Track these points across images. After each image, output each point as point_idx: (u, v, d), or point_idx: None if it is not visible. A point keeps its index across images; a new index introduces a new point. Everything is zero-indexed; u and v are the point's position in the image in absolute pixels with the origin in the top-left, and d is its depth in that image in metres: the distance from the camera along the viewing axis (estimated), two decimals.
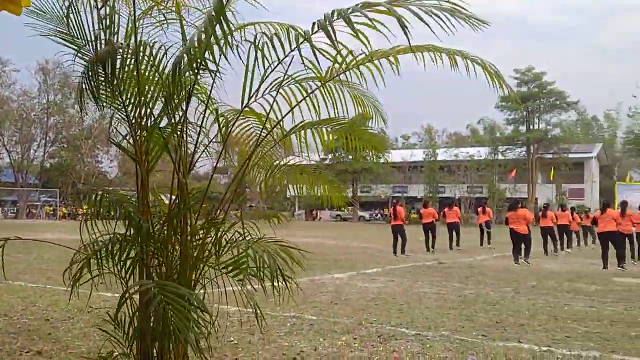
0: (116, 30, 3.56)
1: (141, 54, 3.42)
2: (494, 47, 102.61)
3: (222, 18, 2.76)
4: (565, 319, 7.11)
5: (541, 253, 17.24)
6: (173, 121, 3.44)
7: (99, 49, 3.51)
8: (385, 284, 10.06)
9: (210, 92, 3.52)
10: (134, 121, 3.56)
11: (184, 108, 3.39)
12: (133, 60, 3.42)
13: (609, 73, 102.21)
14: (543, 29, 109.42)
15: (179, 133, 3.43)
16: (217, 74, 3.30)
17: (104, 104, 3.62)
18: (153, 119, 3.58)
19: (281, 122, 3.58)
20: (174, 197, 3.50)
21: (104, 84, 3.48)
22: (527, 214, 15.26)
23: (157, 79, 3.45)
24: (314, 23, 2.88)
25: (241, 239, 3.43)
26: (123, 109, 3.59)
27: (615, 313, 7.57)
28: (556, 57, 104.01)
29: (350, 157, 51.05)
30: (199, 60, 3.02)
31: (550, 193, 49.07)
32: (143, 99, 3.46)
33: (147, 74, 3.46)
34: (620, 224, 14.28)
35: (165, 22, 3.92)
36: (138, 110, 3.53)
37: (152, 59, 3.43)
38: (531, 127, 52.81)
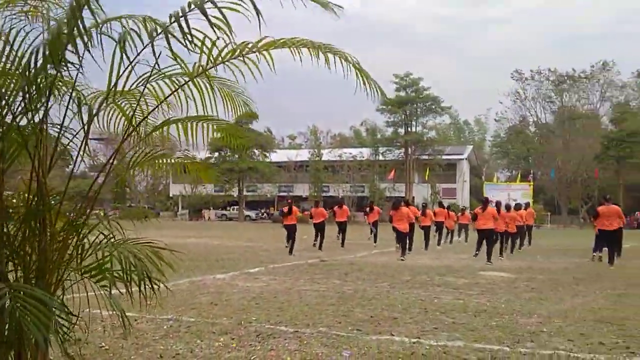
0: None
1: None
2: (379, 52, 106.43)
3: (82, 9, 2.62)
4: (435, 311, 7.53)
5: (418, 249, 18.13)
6: (32, 117, 3.20)
7: None
8: (267, 283, 10.09)
9: (73, 86, 3.31)
10: None
11: (45, 103, 3.17)
12: None
13: (479, 80, 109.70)
14: (421, 37, 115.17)
15: (38, 130, 3.20)
16: (81, 68, 3.11)
17: None
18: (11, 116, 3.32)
19: (146, 118, 3.46)
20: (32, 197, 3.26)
21: None
22: (409, 213, 16.06)
23: (14, 71, 3.19)
24: (170, 15, 2.81)
25: (106, 240, 3.27)
26: None
27: (480, 304, 8.13)
28: (432, 63, 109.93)
29: (236, 156, 50.69)
30: (59, 53, 2.84)
31: (426, 192, 51.82)
32: None
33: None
34: (497, 219, 15.46)
35: (30, 12, 3.64)
36: None
37: (7, 48, 3.16)
38: (409, 129, 55.32)
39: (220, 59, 3.26)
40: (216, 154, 51.97)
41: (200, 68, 3.26)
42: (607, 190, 52.95)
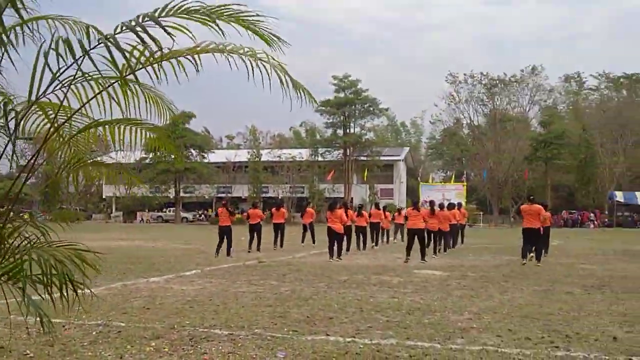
0: None
1: None
2: (318, 54, 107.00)
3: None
4: (370, 310, 7.63)
5: (355, 249, 18.33)
6: None
7: None
8: (203, 285, 9.93)
9: None
10: None
11: None
12: None
13: (415, 83, 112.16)
14: (360, 38, 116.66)
15: None
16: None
17: None
18: None
19: (70, 120, 3.35)
20: None
21: None
22: (342, 215, 16.20)
23: None
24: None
25: (26, 243, 3.13)
26: None
27: (413, 302, 8.29)
28: (371, 65, 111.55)
29: (173, 157, 49.62)
30: None
31: (364, 192, 52.47)
32: None
33: None
34: (427, 221, 15.82)
35: None
36: None
37: None
38: (348, 130, 55.77)
39: (150, 61, 3.19)
40: (151, 155, 50.71)
41: (128, 69, 3.18)
42: (535, 190, 55.36)
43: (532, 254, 14.47)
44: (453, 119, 64.47)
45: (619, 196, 49.25)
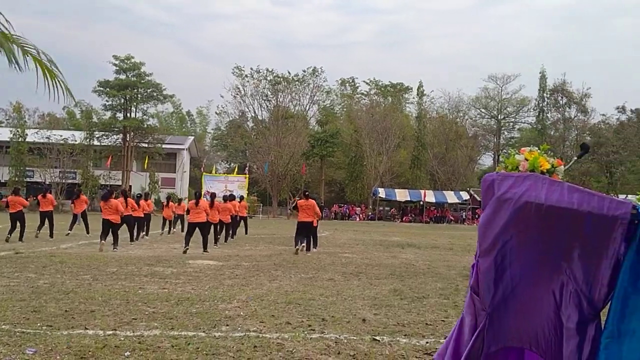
0: None
1: None
2: (96, 30, 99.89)
3: None
4: (137, 301, 7.40)
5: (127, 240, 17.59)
6: None
7: None
8: None
9: None
10: None
11: None
12: None
13: (202, 71, 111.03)
14: (145, 21, 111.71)
15: None
16: None
17: None
18: None
19: None
20: None
21: None
22: (118, 205, 15.46)
23: None
24: None
25: None
26: None
27: (184, 293, 8.25)
28: (156, 49, 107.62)
29: None
30: None
31: (144, 181, 50.54)
32: None
33: None
34: (209, 214, 15.87)
35: None
36: None
37: None
38: (128, 115, 53.17)
39: None
40: None
41: None
42: (311, 184, 58.93)
43: (303, 244, 15.42)
44: (239, 112, 65.32)
45: (382, 192, 54.76)
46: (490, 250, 3.33)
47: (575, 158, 4.12)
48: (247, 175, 51.38)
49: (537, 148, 3.50)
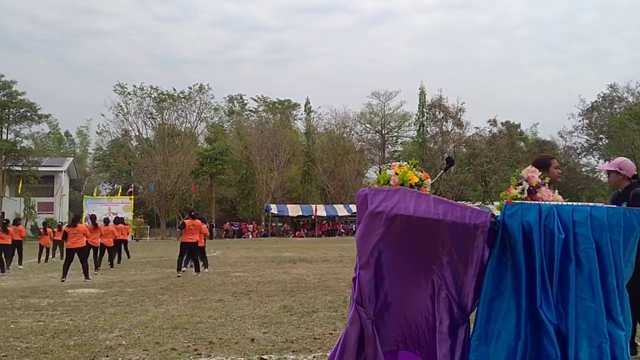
0: None
1: None
2: None
3: None
4: (8, 337, 6.86)
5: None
6: None
7: None
8: None
9: None
10: None
11: None
12: None
13: (80, 89, 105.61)
14: (21, 37, 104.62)
15: None
16: None
17: None
18: None
19: None
20: None
21: None
22: None
23: None
24: None
25: None
26: None
27: (61, 324, 7.75)
28: (33, 67, 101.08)
29: None
30: None
31: (18, 206, 47.06)
32: None
33: None
34: (89, 237, 15.11)
35: None
36: None
37: None
38: (0, 137, 49.40)
39: None
40: None
41: None
42: (201, 203, 57.79)
43: (192, 266, 15.06)
44: (121, 130, 62.70)
45: (274, 208, 54.86)
46: (368, 262, 3.45)
47: (442, 171, 4.38)
48: (132, 197, 49.38)
49: (406, 163, 3.68)
